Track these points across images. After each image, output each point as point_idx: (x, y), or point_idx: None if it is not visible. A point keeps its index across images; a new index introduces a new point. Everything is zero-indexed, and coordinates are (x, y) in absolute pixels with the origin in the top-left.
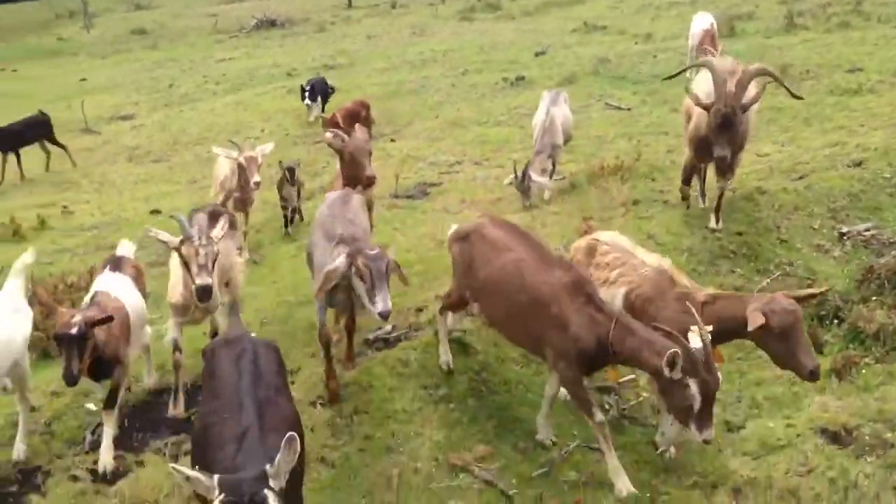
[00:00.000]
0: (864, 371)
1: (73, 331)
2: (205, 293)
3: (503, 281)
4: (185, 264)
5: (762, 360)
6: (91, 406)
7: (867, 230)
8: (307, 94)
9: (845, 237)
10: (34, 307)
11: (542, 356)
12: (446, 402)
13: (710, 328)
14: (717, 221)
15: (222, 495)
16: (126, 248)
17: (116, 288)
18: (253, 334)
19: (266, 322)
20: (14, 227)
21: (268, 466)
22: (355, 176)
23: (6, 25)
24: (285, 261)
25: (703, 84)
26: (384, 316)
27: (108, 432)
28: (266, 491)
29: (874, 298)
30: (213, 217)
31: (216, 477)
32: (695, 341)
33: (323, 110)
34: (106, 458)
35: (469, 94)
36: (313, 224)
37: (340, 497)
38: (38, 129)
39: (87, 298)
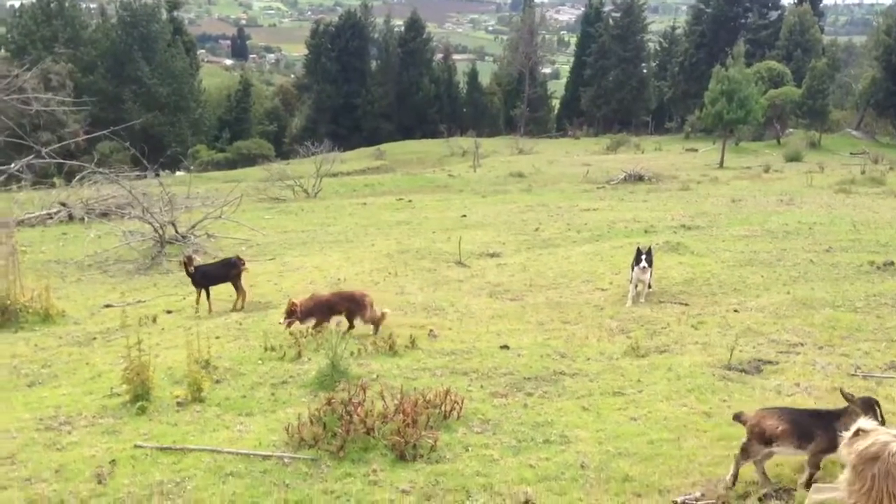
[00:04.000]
0: None
1: None
2: None
3: None
4: None
5: None
6: None
7: None
8: (644, 258)
9: None
10: None
11: None
12: None
13: None
14: None
15: None
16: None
17: None
18: None
19: None
20: (390, 342)
21: None
22: None
23: (411, 160)
24: None
25: None
26: None
27: None
28: None
29: None
30: None
31: None
32: None
33: (650, 286)
34: None
35: (828, 273)
36: None
37: None
38: (229, 269)
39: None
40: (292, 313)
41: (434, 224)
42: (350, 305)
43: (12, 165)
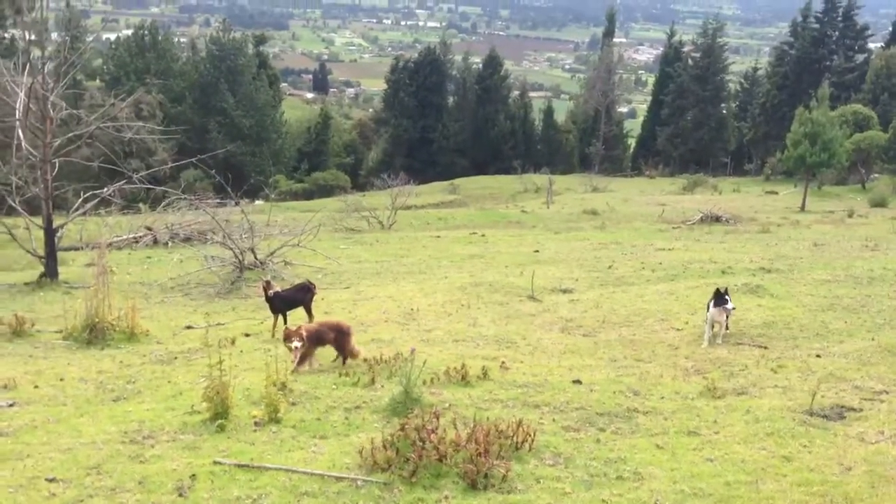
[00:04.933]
0: None
1: None
2: None
3: None
4: None
5: None
6: None
7: None
8: (728, 298)
9: None
10: None
11: None
12: None
13: None
14: None
15: None
16: None
17: None
18: None
19: None
20: (463, 373)
21: None
22: None
23: (484, 195)
24: None
25: None
26: None
27: None
28: None
29: None
30: None
31: None
32: None
33: (727, 327)
34: None
35: None
36: None
37: None
38: (305, 293)
39: None
40: (295, 338)
41: (506, 259)
42: (337, 335)
43: (105, 190)
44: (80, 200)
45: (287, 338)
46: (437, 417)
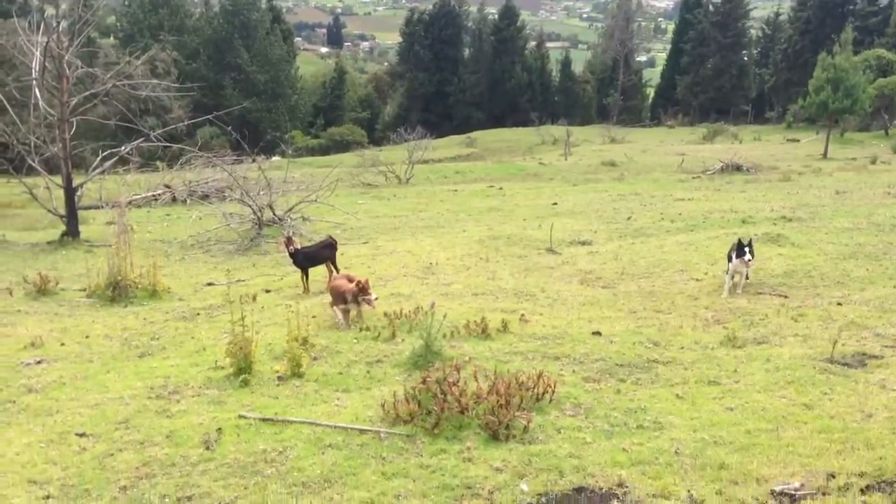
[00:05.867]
0: None
1: None
2: None
3: None
4: None
5: None
6: None
7: None
8: (747, 249)
9: None
10: None
11: None
12: None
13: None
14: None
15: None
16: None
17: None
18: None
19: None
20: (483, 326)
21: None
22: None
23: (502, 148)
24: None
25: None
26: None
27: None
28: None
29: None
30: None
31: None
32: None
33: (748, 277)
34: None
35: None
36: None
37: None
38: (327, 251)
39: None
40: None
41: (525, 211)
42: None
43: (123, 148)
44: (98, 159)
45: (363, 290)
46: (458, 370)
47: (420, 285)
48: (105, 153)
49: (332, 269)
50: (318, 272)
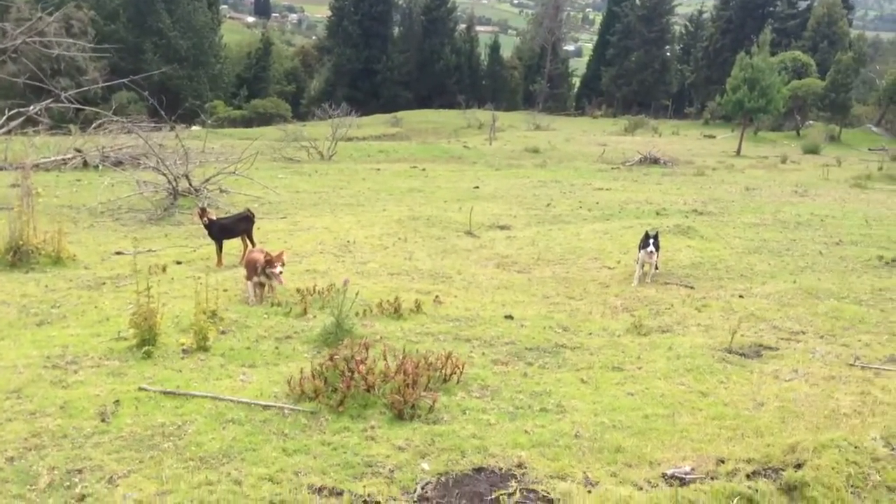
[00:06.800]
0: None
1: None
2: None
3: None
4: None
5: None
6: None
7: None
8: (651, 242)
9: None
10: None
11: None
12: None
13: None
14: None
15: None
16: None
17: None
18: None
19: None
20: (396, 305)
21: None
22: None
23: (427, 129)
24: None
25: None
26: None
27: None
28: None
29: None
30: None
31: None
32: None
33: (657, 267)
34: None
35: (836, 265)
36: None
37: None
38: (244, 224)
39: None
40: (279, 263)
41: (446, 194)
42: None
43: (31, 108)
44: (3, 118)
45: (270, 263)
46: (367, 349)
47: (336, 263)
48: (12, 112)
49: (249, 242)
50: (234, 246)
